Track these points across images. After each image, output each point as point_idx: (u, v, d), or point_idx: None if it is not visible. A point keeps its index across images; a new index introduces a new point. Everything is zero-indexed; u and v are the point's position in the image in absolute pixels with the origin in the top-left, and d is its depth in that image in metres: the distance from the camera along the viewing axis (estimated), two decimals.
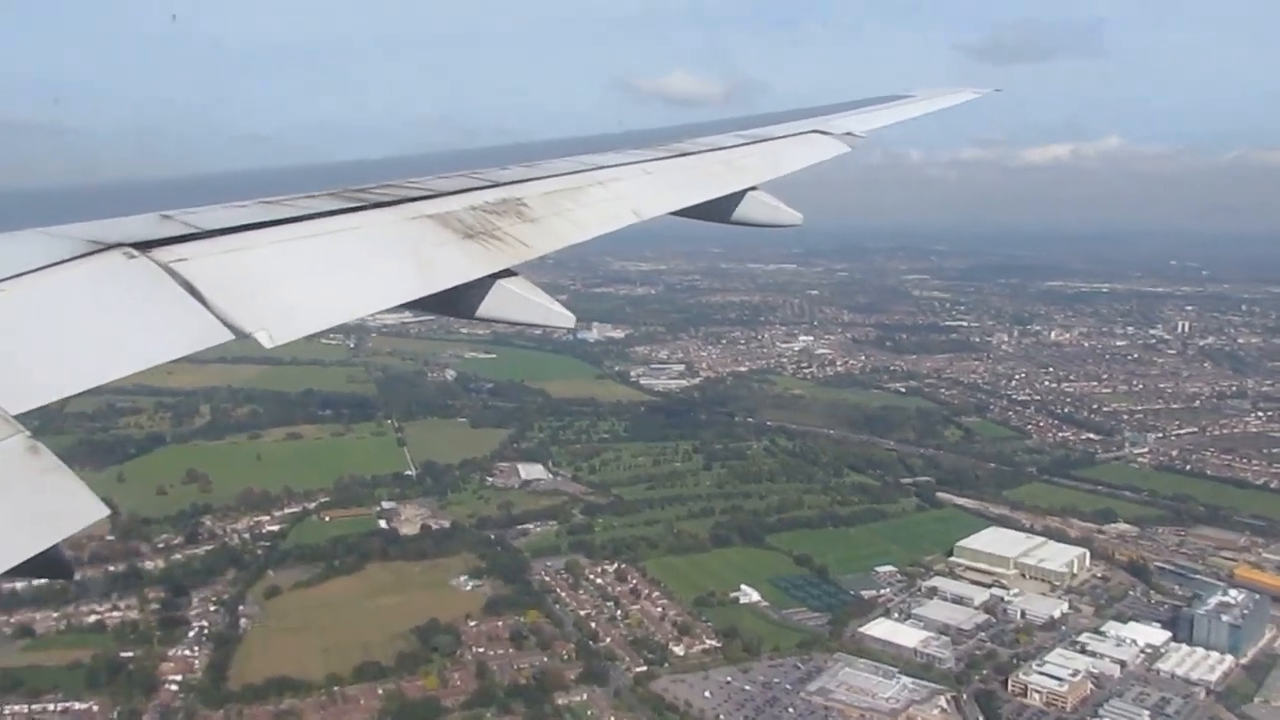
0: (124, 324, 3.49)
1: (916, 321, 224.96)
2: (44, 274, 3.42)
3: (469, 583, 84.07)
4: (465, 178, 6.26)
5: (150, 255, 3.81)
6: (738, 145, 9.41)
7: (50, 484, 2.64)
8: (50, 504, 2.61)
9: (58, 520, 2.61)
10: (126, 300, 3.59)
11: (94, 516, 2.67)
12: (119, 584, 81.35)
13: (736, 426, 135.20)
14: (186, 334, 3.53)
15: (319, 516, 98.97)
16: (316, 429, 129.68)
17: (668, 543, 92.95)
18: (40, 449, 2.66)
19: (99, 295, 3.52)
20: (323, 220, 4.83)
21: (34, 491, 2.59)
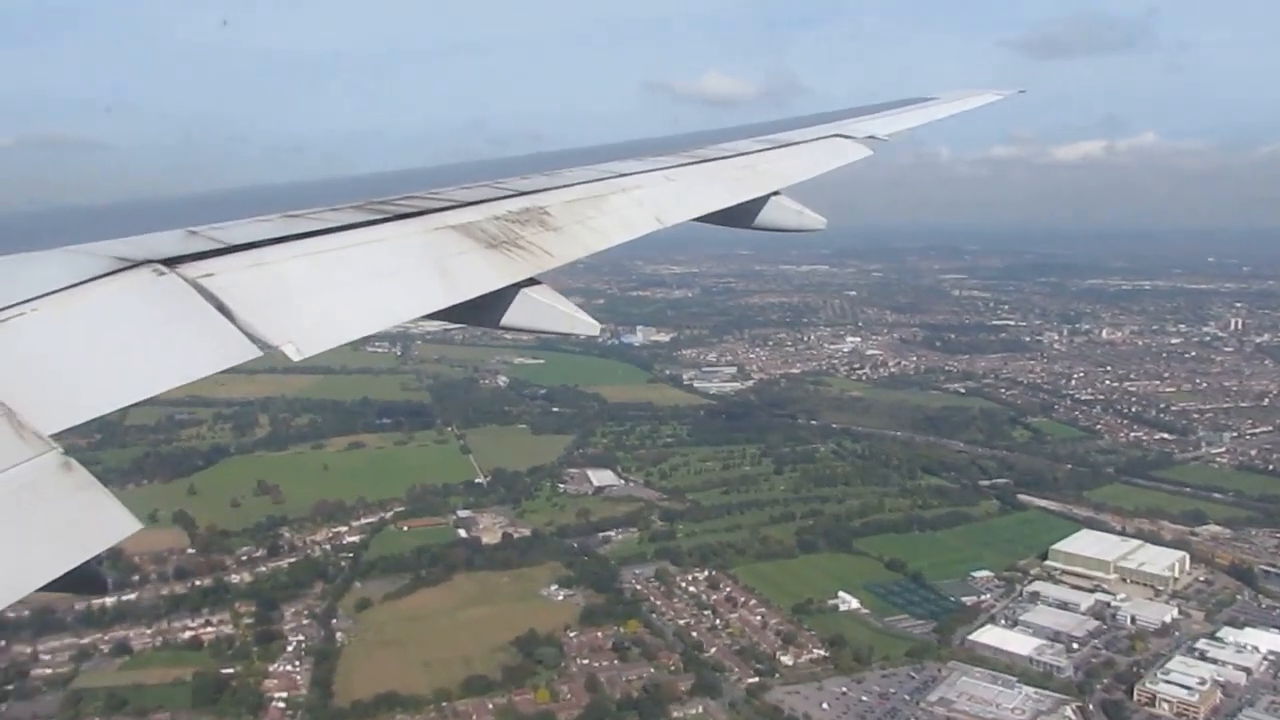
0: (153, 341, 3.48)
1: (962, 321, 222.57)
2: (73, 292, 3.44)
3: (560, 592, 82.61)
4: (487, 188, 6.28)
5: (178, 271, 3.83)
6: (760, 150, 9.37)
7: (84, 500, 2.68)
8: (84, 520, 2.65)
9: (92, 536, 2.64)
10: (155, 317, 3.59)
11: (126, 532, 2.69)
12: (209, 599, 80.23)
13: (799, 429, 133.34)
14: (215, 350, 3.55)
15: (396, 526, 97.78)
16: (378, 438, 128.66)
17: (755, 549, 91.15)
18: (73, 465, 2.69)
19: (128, 312, 3.52)
20: (347, 233, 4.83)
21: (68, 508, 2.63)
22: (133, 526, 2.73)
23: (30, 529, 2.56)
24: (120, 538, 2.75)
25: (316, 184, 7.11)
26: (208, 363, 3.49)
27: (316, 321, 4.02)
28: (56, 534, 2.59)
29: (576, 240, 5.90)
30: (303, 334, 3.84)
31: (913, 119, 12.67)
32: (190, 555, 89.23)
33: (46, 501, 2.61)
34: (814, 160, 9.77)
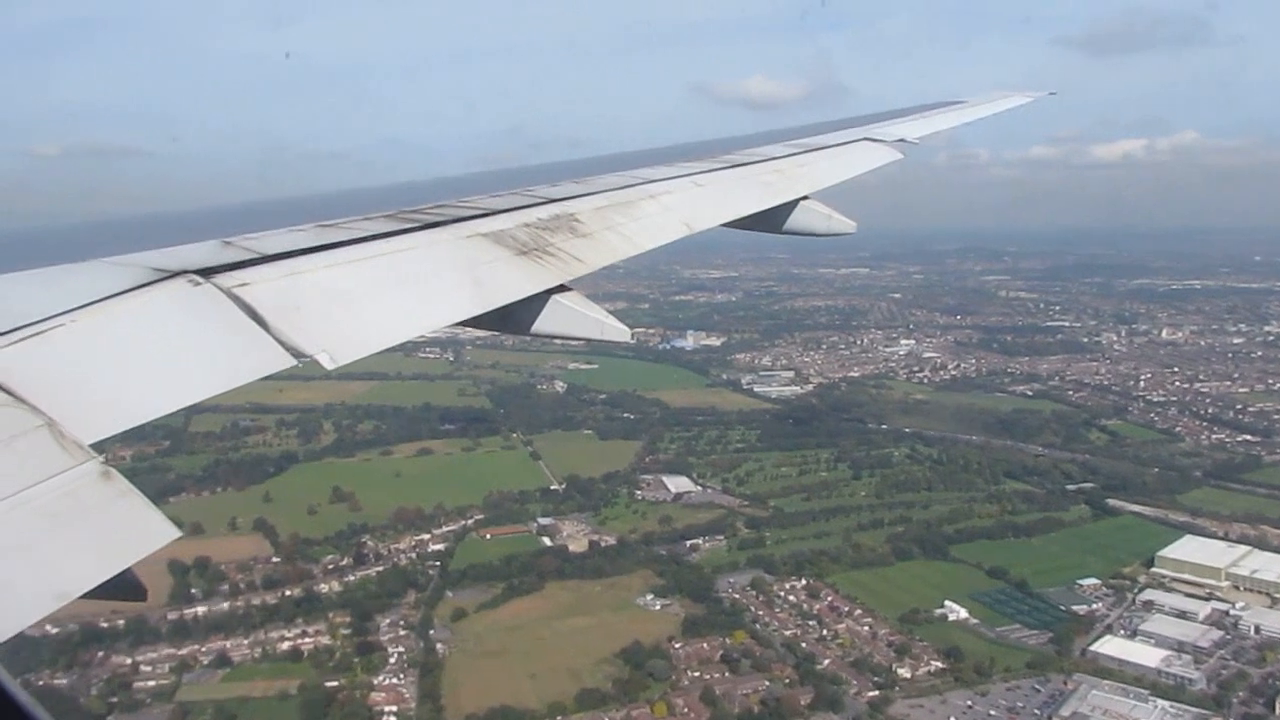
0: (189, 350, 3.52)
1: (1015, 323, 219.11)
2: (111, 303, 3.49)
3: (656, 602, 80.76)
4: (517, 195, 6.27)
5: (213, 281, 3.86)
6: (789, 155, 9.33)
7: (124, 509, 2.74)
8: (124, 528, 2.70)
9: (132, 543, 2.70)
10: (191, 327, 3.62)
11: (165, 539, 2.76)
12: (302, 609, 78.91)
13: (869, 433, 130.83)
14: (250, 359, 3.58)
15: (478, 534, 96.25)
16: (444, 444, 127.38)
17: (849, 557, 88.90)
18: (113, 474, 2.77)
19: (164, 323, 3.57)
20: (379, 242, 4.87)
21: (108, 516, 2.70)
22: (171, 534, 2.77)
23: (72, 537, 2.60)
24: (160, 545, 2.77)
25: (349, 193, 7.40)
26: (243, 371, 3.52)
27: (350, 330, 4.06)
28: (97, 541, 2.64)
29: (606, 247, 5.91)
30: (336, 342, 3.89)
31: (942, 122, 12.56)
32: (275, 564, 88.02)
33: (87, 510, 2.66)
34: (843, 164, 9.74)
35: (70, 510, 2.65)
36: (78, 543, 2.62)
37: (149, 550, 2.76)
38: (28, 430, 2.78)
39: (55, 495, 2.64)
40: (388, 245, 4.87)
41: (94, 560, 2.62)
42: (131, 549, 2.73)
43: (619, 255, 5.98)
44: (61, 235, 5.58)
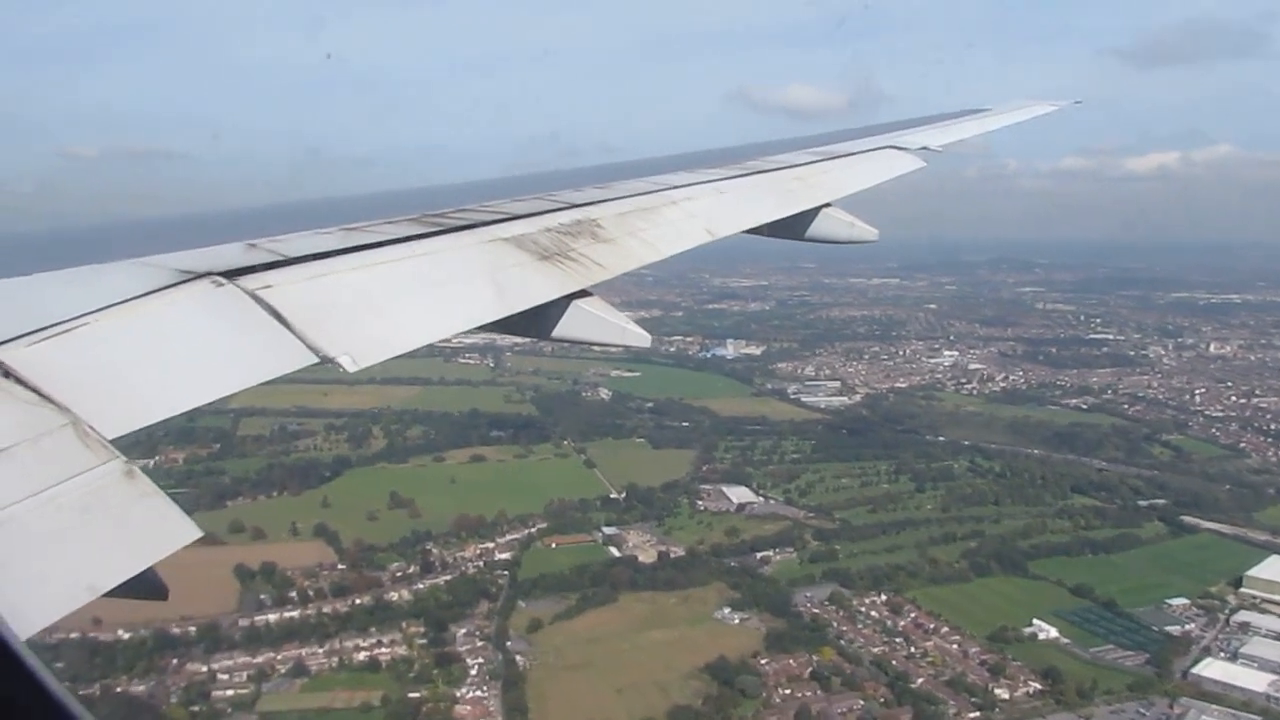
0: (212, 350, 3.56)
1: (1057, 335, 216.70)
2: (136, 303, 3.54)
3: (734, 616, 78.92)
4: (540, 200, 6.28)
5: (237, 283, 3.90)
6: (811, 162, 9.30)
7: (146, 508, 2.77)
8: (147, 527, 2.74)
9: (154, 543, 2.74)
10: (214, 327, 3.65)
11: (187, 539, 2.80)
12: (374, 617, 77.42)
13: (926, 445, 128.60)
14: (273, 359, 3.61)
15: (543, 543, 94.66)
16: (496, 450, 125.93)
17: (926, 572, 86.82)
18: (136, 473, 2.79)
19: (189, 323, 3.61)
20: (402, 245, 4.88)
21: (131, 515, 2.72)
22: (193, 534, 2.81)
23: (96, 535, 2.63)
24: (182, 544, 2.80)
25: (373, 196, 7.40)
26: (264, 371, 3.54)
27: (373, 333, 4.05)
28: (121, 540, 2.67)
29: (628, 252, 5.90)
30: (359, 345, 3.88)
31: (966, 130, 12.46)
32: (341, 571, 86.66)
33: (111, 509, 2.68)
34: (866, 172, 9.69)
35: (94, 509, 2.65)
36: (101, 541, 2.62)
37: (171, 549, 2.74)
38: (53, 429, 2.79)
39: (79, 494, 2.65)
40: (411, 249, 4.89)
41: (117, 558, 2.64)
42: (154, 548, 2.72)
43: (641, 261, 5.97)
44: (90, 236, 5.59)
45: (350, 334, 3.92)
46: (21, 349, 3.10)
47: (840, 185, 8.99)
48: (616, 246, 5.90)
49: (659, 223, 6.58)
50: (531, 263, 5.23)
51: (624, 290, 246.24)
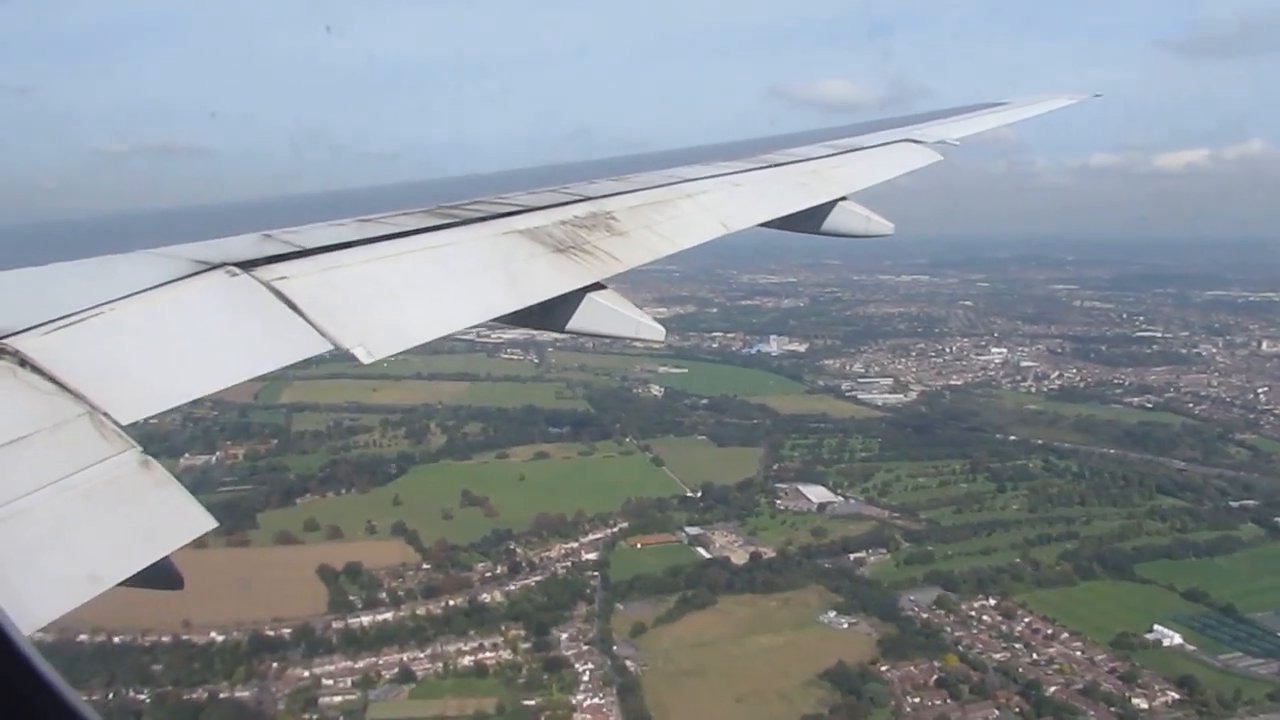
0: (228, 340, 3.57)
1: (1103, 333, 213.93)
2: (153, 293, 3.55)
3: (841, 620, 76.39)
4: (555, 193, 6.27)
5: (253, 274, 3.89)
6: (827, 155, 9.28)
7: (162, 498, 2.78)
8: (162, 517, 2.75)
9: (170, 533, 2.74)
10: (231, 318, 3.66)
11: (202, 529, 2.83)
12: (472, 620, 75.03)
13: (996, 444, 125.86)
14: (288, 349, 3.63)
15: (628, 544, 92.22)
16: (558, 448, 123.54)
17: (1030, 575, 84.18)
18: (151, 463, 2.81)
19: (204, 313, 3.62)
20: (416, 237, 4.88)
21: (147, 505, 2.74)
22: (208, 524, 2.82)
23: (112, 525, 2.64)
24: (197, 534, 2.81)
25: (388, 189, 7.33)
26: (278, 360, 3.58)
27: (387, 324, 4.06)
28: (136, 530, 2.68)
29: (643, 245, 5.93)
30: (374, 336, 3.89)
31: (984, 123, 12.38)
32: (427, 571, 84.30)
33: (127, 498, 2.70)
34: (883, 165, 9.66)
35: (110, 498, 2.66)
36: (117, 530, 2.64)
37: (186, 539, 2.75)
38: (70, 418, 2.80)
39: (96, 483, 2.65)
40: (426, 241, 4.87)
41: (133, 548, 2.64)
42: (170, 538, 2.72)
43: (655, 254, 5.95)
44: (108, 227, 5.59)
45: (365, 325, 3.91)
46: (39, 338, 3.07)
47: (856, 178, 8.87)
48: (631, 239, 5.88)
49: (674, 215, 6.52)
50: (546, 255, 5.24)
51: (654, 286, 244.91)
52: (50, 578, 2.47)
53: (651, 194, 6.77)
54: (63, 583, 2.48)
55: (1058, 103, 14.65)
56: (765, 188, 7.93)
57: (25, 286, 3.52)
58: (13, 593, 2.30)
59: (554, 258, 5.21)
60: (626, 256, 5.62)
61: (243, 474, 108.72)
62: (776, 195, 7.86)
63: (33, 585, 2.39)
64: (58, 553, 2.53)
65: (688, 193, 7.00)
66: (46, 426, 2.74)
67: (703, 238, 6.58)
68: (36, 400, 2.84)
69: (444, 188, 7.00)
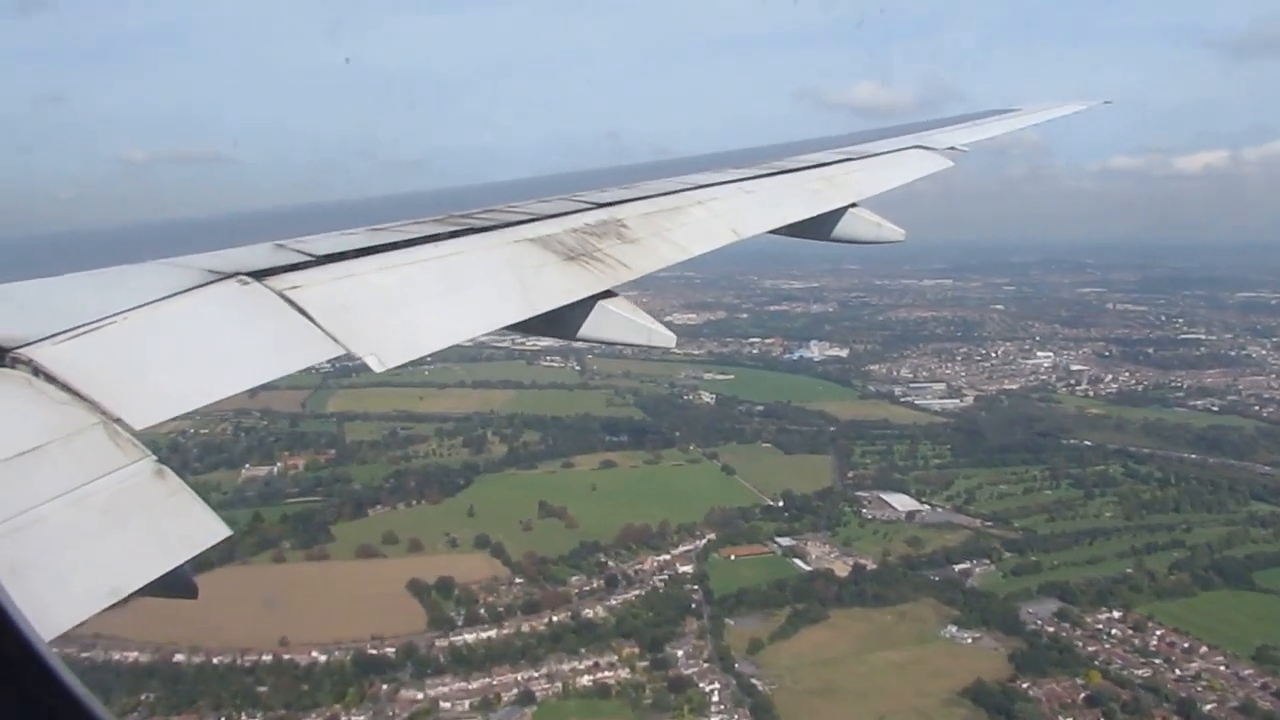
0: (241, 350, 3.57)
1: (1145, 335, 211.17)
2: (165, 303, 3.56)
3: (964, 635, 73.27)
4: (565, 200, 6.29)
5: (265, 283, 3.91)
6: (838, 162, 9.32)
7: (176, 506, 2.78)
8: (177, 525, 2.75)
9: (184, 541, 2.75)
10: (243, 327, 3.67)
11: (216, 537, 2.81)
12: (581, 637, 71.81)
13: (1069, 450, 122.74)
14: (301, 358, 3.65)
15: (721, 555, 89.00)
16: (622, 456, 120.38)
17: (1148, 586, 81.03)
18: (165, 472, 2.80)
19: (217, 322, 3.64)
20: (428, 245, 4.90)
21: (161, 513, 2.74)
22: (222, 532, 2.80)
23: (126, 533, 2.65)
24: (211, 542, 2.79)
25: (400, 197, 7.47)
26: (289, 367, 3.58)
27: (399, 333, 4.07)
28: (150, 538, 2.68)
29: (653, 253, 5.94)
30: (386, 345, 3.90)
31: (993, 129, 12.51)
32: (521, 586, 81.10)
33: (141, 507, 2.70)
34: (893, 172, 9.70)
35: (125, 507, 2.66)
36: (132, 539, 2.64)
37: (201, 548, 2.76)
38: (84, 427, 2.81)
39: (110, 492, 2.66)
40: (437, 249, 4.89)
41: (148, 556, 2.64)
42: (185, 546, 2.72)
43: (666, 261, 5.99)
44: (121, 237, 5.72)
45: (377, 333, 3.92)
46: (53, 348, 3.08)
47: (867, 185, 8.91)
48: (642, 246, 5.90)
49: (685, 222, 6.55)
50: (557, 263, 5.22)
51: (677, 292, 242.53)
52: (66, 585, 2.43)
53: (662, 201, 6.75)
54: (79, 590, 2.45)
55: (1069, 109, 14.65)
56: (776, 195, 7.92)
57: (40, 297, 3.52)
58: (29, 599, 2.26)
59: (565, 265, 5.24)
60: (637, 264, 5.65)
61: (306, 485, 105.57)
62: (787, 202, 7.85)
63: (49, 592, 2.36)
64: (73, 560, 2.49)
65: (699, 200, 7.00)
66: (61, 436, 2.73)
67: (714, 245, 6.59)
68: (51, 410, 2.82)
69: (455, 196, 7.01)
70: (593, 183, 7.12)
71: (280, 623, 71.63)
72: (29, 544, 2.45)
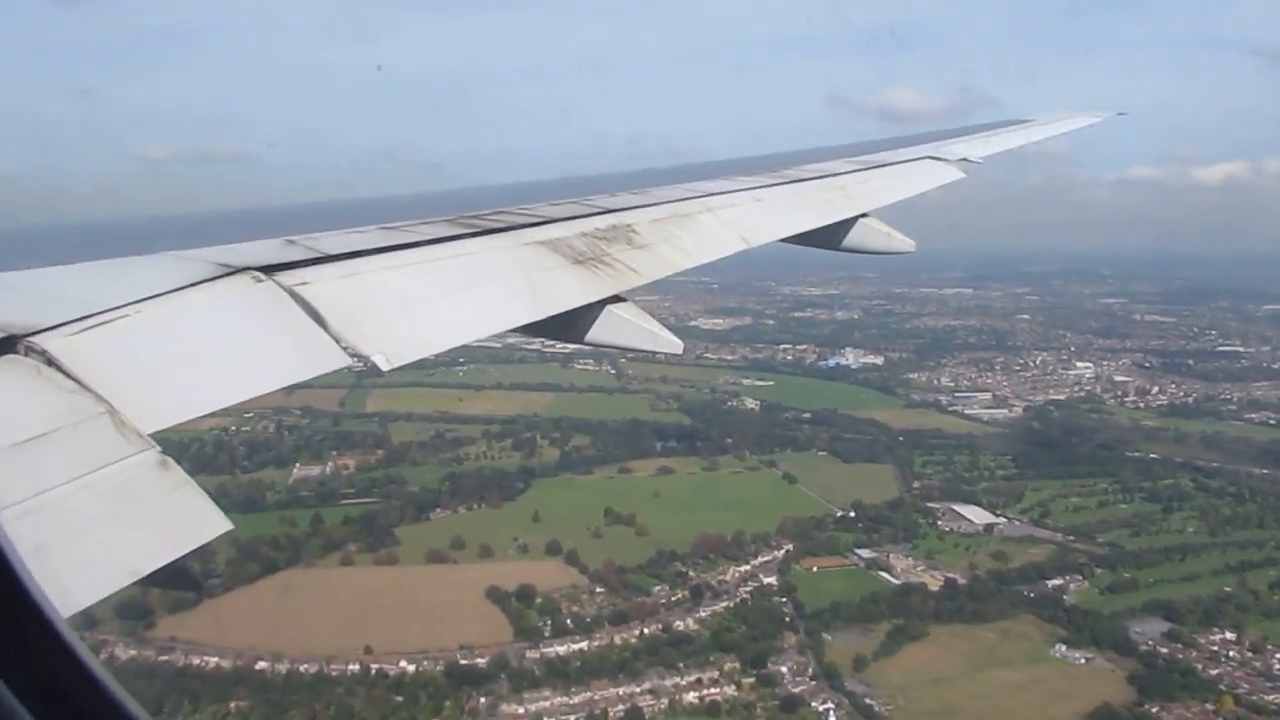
0: (248, 346, 3.58)
1: (1182, 347, 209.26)
2: (175, 296, 3.55)
3: (1075, 654, 70.23)
4: (576, 205, 6.30)
5: (274, 279, 3.90)
6: (850, 171, 9.34)
7: (179, 499, 2.79)
8: (179, 518, 2.76)
9: (186, 533, 2.75)
10: (252, 322, 3.68)
11: (218, 530, 2.81)
12: (680, 650, 68.67)
13: (1135, 462, 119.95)
14: (308, 357, 3.63)
15: (802, 567, 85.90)
16: (678, 462, 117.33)
17: (1254, 604, 78.15)
18: (170, 464, 2.81)
19: (226, 317, 3.63)
20: (438, 246, 4.87)
21: (165, 505, 2.75)
22: (223, 526, 2.79)
23: (129, 524, 2.66)
24: (213, 535, 2.79)
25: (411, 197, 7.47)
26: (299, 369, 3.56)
27: (407, 332, 4.08)
28: (153, 530, 2.70)
29: (663, 258, 5.99)
30: (393, 344, 3.91)
31: (1006, 141, 12.59)
32: (602, 595, 77.98)
33: (145, 498, 2.71)
34: (905, 182, 9.73)
35: (129, 497, 2.67)
36: (135, 529, 2.65)
37: (203, 540, 2.75)
38: (90, 417, 2.82)
39: (115, 482, 2.67)
40: (447, 250, 4.86)
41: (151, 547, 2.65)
42: (187, 538, 2.72)
43: (675, 267, 6.01)
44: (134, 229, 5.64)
45: (385, 332, 3.91)
46: (62, 338, 3.08)
47: (878, 195, 8.88)
48: (651, 252, 5.89)
49: (695, 229, 6.53)
50: (566, 267, 5.21)
51: (697, 299, 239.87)
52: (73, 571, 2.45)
53: (673, 207, 6.74)
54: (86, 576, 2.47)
55: (1082, 121, 14.48)
56: (787, 203, 7.91)
57: (50, 286, 3.52)
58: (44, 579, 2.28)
59: (574, 269, 5.21)
60: (646, 269, 5.64)
61: (361, 486, 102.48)
62: (798, 211, 7.82)
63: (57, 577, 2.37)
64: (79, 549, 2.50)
65: (709, 207, 6.99)
66: (68, 424, 2.73)
67: (723, 252, 6.56)
68: (59, 399, 2.83)
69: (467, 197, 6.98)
70: (604, 187, 7.06)
71: (361, 630, 68.54)
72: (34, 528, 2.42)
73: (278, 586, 76.24)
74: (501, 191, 7.46)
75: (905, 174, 9.84)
